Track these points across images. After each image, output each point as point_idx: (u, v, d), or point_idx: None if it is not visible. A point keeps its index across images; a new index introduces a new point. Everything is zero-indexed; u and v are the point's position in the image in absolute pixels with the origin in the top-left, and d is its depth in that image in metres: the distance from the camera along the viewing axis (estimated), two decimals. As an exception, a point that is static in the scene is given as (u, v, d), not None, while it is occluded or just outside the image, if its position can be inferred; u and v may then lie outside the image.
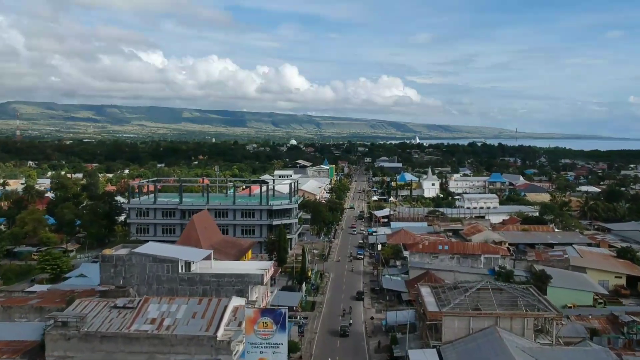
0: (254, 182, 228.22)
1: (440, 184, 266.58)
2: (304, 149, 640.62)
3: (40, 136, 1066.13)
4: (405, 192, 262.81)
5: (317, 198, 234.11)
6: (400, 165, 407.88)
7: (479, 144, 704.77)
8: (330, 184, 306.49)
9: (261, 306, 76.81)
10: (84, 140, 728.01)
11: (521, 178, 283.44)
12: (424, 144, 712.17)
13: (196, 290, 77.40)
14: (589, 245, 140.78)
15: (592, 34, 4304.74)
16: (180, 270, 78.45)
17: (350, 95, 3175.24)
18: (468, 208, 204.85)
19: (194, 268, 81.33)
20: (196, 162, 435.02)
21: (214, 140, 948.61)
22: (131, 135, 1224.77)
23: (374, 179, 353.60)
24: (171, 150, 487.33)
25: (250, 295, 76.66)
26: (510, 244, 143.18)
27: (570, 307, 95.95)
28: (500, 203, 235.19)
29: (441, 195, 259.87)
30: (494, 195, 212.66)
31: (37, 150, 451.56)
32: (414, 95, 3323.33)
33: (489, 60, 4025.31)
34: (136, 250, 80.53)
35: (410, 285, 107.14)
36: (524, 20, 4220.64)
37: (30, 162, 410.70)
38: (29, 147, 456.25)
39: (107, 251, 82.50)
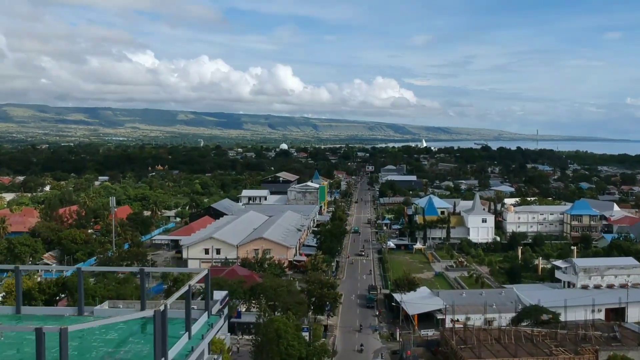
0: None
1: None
2: (295, 154, 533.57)
3: (22, 140, 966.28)
4: (438, 232, 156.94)
5: (292, 254, 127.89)
6: (413, 178, 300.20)
7: (495, 148, 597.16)
8: (320, 213, 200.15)
9: None
10: (38, 146, 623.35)
11: (615, 207, 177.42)
12: (432, 148, 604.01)
13: None
14: None
15: (590, 36, 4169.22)
16: None
17: (347, 98, 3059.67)
18: (584, 287, 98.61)
19: None
20: (153, 174, 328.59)
21: (202, 143, 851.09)
22: (121, 139, 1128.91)
23: (381, 199, 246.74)
24: (126, 158, 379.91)
25: None
26: None
27: None
28: (605, 253, 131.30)
29: (497, 238, 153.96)
30: (636, 263, 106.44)
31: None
32: (411, 97, 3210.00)
33: (487, 62, 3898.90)
34: None
35: None
36: (522, 23, 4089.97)
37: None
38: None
39: None
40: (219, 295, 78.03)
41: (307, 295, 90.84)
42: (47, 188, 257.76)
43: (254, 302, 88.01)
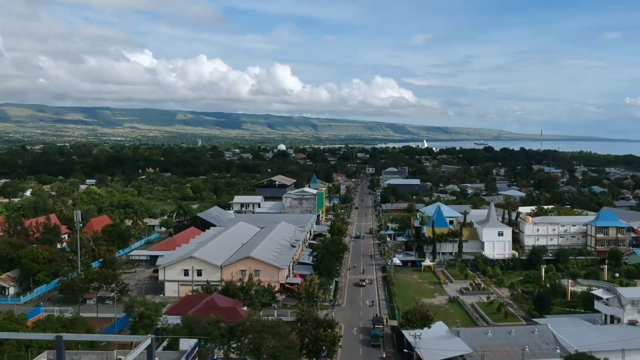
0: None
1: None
2: (293, 155, 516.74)
3: (19, 140, 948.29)
4: (448, 246, 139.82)
5: (284, 275, 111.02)
6: (417, 182, 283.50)
7: (496, 148, 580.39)
8: (317, 222, 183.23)
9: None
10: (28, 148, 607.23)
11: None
12: (434, 149, 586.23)
13: None
14: None
15: (589, 36, 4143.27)
16: None
17: (346, 97, 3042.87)
18: (632, 323, 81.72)
19: None
20: (143, 177, 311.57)
21: (200, 143, 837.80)
22: (119, 139, 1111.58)
23: (384, 206, 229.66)
24: (116, 159, 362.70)
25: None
26: None
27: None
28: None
29: (515, 254, 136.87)
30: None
31: None
32: (411, 97, 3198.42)
33: (486, 62, 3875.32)
34: None
35: None
36: (522, 22, 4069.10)
37: None
38: None
39: None
40: (186, 344, 61.45)
41: (299, 336, 73.97)
42: (28, 193, 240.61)
43: (233, 345, 71.04)
